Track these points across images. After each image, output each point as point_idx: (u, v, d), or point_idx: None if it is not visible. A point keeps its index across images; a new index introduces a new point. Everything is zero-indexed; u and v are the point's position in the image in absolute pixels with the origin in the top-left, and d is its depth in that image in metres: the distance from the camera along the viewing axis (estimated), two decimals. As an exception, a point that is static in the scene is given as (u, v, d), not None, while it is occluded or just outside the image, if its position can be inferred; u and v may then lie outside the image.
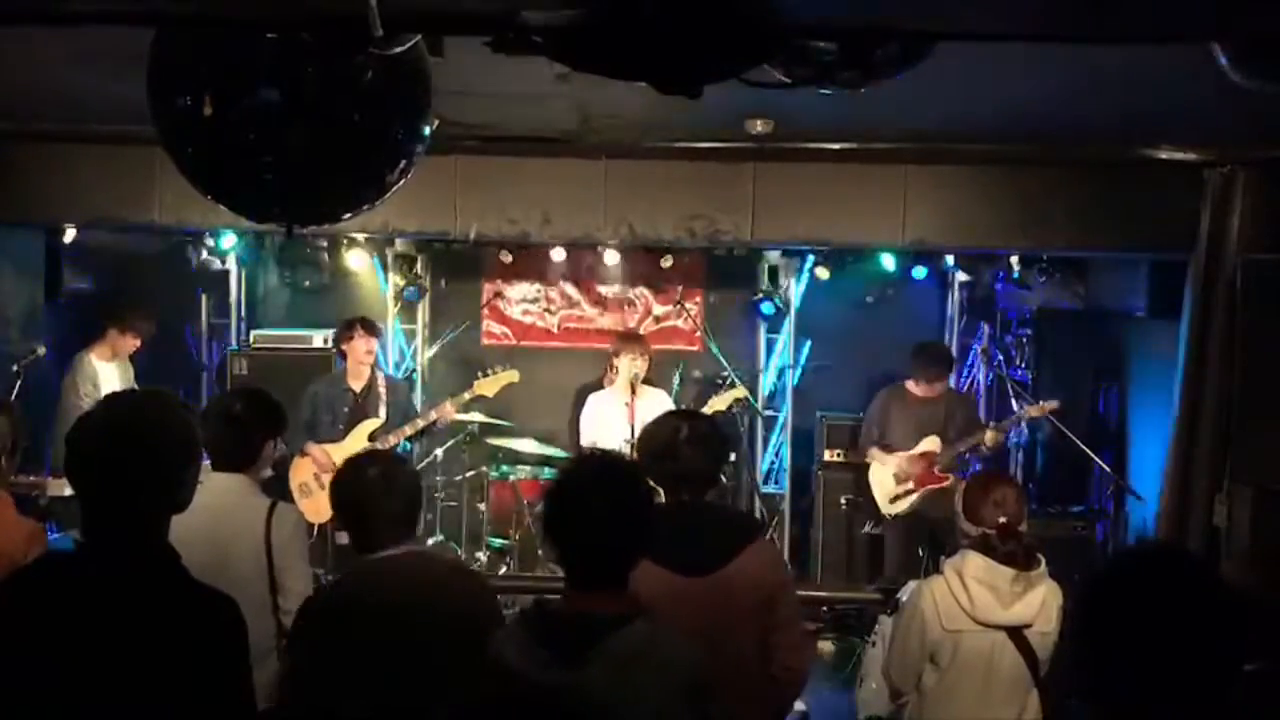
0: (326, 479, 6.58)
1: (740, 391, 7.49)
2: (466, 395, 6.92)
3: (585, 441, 6.71)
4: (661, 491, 3.49)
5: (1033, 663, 3.60)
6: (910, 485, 6.82)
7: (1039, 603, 3.59)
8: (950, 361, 7.38)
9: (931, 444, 6.85)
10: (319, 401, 6.79)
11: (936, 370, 6.94)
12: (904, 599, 3.99)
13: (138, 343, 7.14)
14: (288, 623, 3.63)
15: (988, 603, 3.56)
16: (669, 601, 3.10)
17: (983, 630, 3.58)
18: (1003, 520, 3.61)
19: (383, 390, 6.84)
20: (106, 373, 6.98)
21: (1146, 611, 1.74)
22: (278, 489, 6.39)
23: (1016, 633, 3.59)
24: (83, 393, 6.76)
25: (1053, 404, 6.84)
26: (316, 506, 6.57)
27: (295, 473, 6.71)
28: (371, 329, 6.91)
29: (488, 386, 6.95)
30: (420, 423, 6.79)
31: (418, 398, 8.08)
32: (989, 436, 6.81)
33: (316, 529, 6.53)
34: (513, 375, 7.00)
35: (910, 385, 6.99)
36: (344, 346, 6.90)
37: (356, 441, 6.63)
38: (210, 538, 3.38)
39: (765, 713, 3.53)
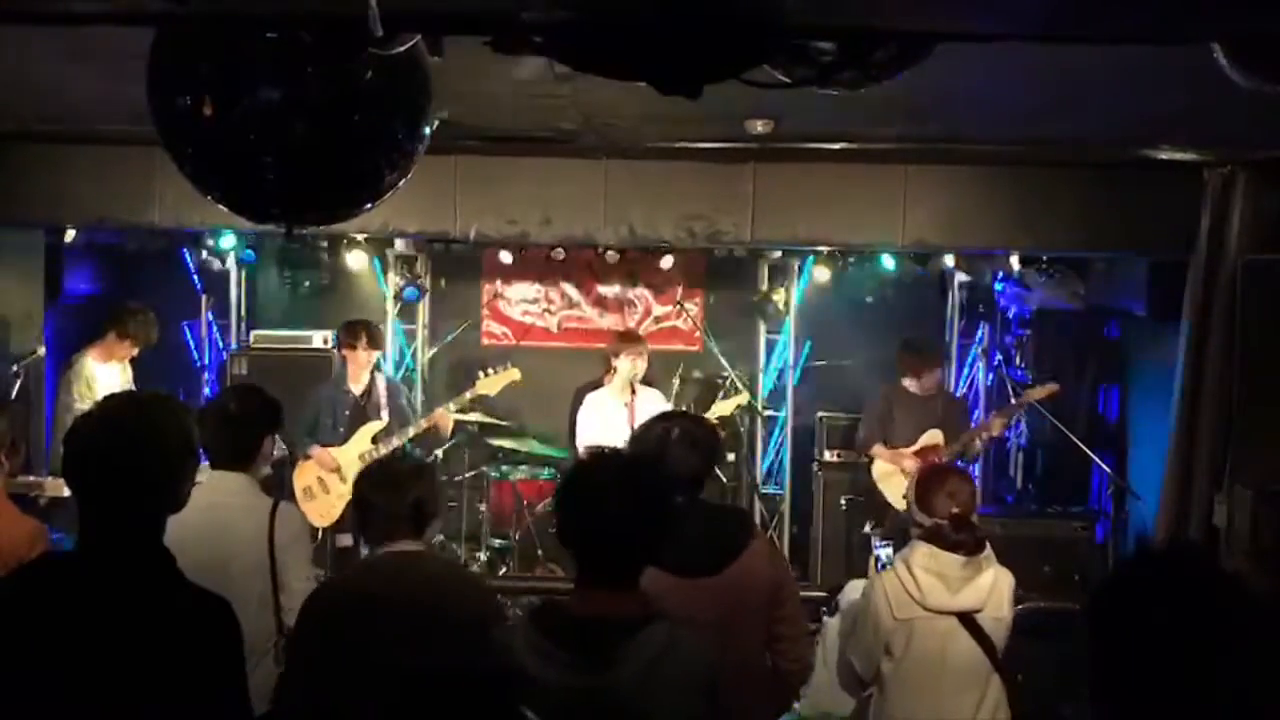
0: (331, 481, 6.59)
1: (744, 398, 7.46)
2: (468, 395, 6.90)
3: (583, 441, 6.70)
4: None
5: (989, 648, 3.65)
6: None
7: (988, 586, 3.65)
8: (939, 352, 7.32)
9: (934, 438, 6.81)
10: (322, 405, 6.76)
11: (929, 361, 6.93)
12: (844, 599, 4.03)
13: (135, 350, 7.11)
14: (289, 621, 3.63)
15: (935, 589, 3.62)
16: (675, 605, 3.10)
17: (934, 617, 3.63)
18: (955, 511, 3.67)
19: (383, 393, 6.80)
20: (103, 375, 6.91)
21: (1163, 613, 1.73)
22: (277, 489, 6.39)
23: (968, 619, 3.64)
24: (75, 393, 6.71)
25: (1052, 387, 6.78)
26: (320, 510, 6.55)
27: (299, 477, 6.68)
28: (374, 342, 6.83)
29: (489, 385, 6.93)
30: (424, 424, 6.74)
31: (418, 398, 8.08)
32: (996, 424, 6.81)
33: (321, 533, 6.52)
34: (514, 374, 6.96)
35: (907, 383, 6.97)
36: (345, 352, 6.87)
37: (360, 444, 6.62)
38: (212, 536, 3.38)
39: (771, 708, 3.57)
